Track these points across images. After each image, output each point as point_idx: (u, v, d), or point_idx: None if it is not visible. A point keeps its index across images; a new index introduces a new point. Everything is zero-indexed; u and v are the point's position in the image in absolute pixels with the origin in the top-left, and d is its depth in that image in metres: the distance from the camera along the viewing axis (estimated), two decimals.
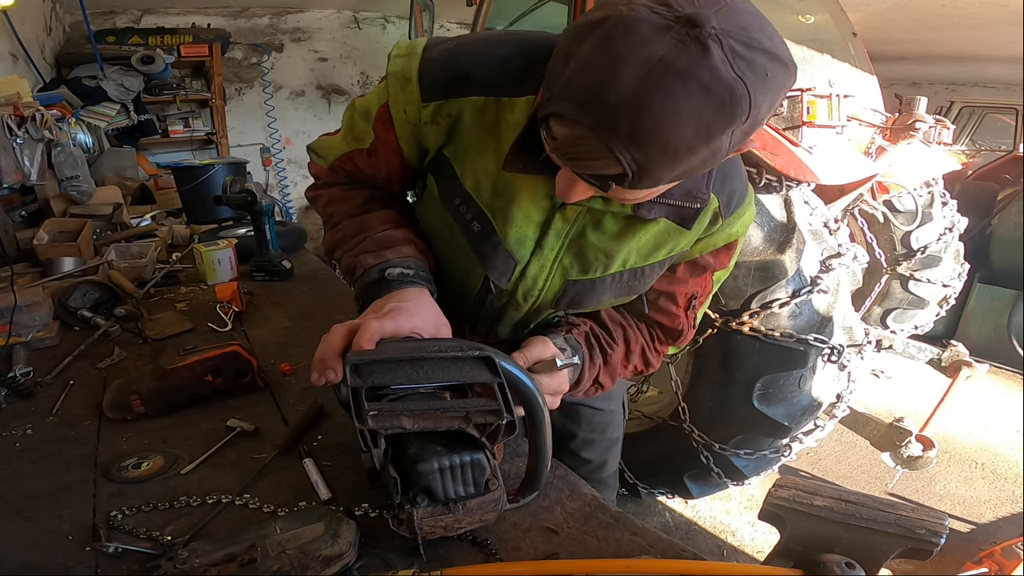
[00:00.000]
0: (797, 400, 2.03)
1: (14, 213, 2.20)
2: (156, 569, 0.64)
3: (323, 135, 0.93)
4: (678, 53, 0.52)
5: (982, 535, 2.36)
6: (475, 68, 0.74)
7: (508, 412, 0.65)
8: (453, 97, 0.75)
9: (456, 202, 0.81)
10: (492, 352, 0.66)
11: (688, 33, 0.52)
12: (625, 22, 0.53)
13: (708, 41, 0.52)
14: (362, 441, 0.62)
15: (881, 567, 0.61)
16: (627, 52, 0.53)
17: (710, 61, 0.52)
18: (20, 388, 1.11)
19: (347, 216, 0.89)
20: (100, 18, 4.62)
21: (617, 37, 0.53)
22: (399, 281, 0.77)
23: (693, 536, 2.39)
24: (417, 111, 0.77)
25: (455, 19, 5.70)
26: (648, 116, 0.53)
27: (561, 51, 0.59)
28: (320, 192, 0.95)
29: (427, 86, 0.75)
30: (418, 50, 0.76)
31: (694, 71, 0.52)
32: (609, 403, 1.25)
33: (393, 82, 0.77)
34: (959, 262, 3.18)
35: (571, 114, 0.57)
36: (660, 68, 0.52)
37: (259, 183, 2.35)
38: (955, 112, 5.56)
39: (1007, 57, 4.68)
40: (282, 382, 1.18)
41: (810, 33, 2.72)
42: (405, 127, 0.79)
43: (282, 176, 5.79)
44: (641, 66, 0.52)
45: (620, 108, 0.54)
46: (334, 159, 0.89)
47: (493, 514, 0.70)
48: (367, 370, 0.63)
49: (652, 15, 0.53)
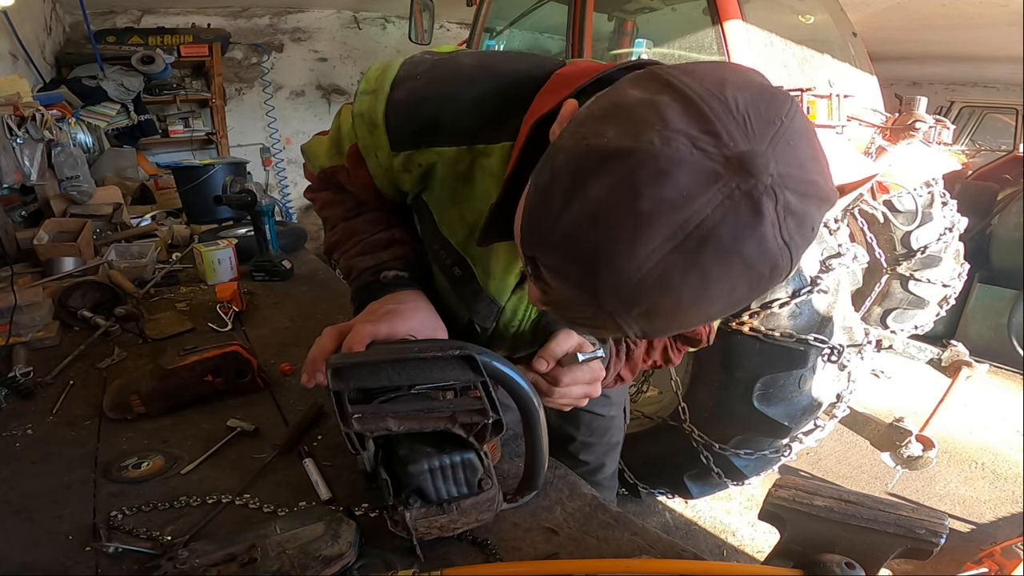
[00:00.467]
0: (797, 400, 2.03)
1: (14, 213, 2.20)
2: (156, 569, 0.64)
3: (316, 135, 0.90)
4: (723, 217, 0.39)
5: (982, 535, 2.36)
6: (443, 114, 0.65)
7: (493, 411, 0.65)
8: (423, 147, 0.68)
9: (436, 247, 0.78)
10: (475, 350, 0.63)
11: (740, 187, 0.38)
12: (657, 162, 0.38)
13: (763, 199, 0.39)
14: (349, 444, 0.63)
15: (881, 567, 0.61)
16: (657, 210, 0.38)
17: (760, 229, 0.39)
18: (20, 388, 1.11)
19: (341, 220, 0.88)
20: (100, 18, 4.62)
21: (645, 184, 0.38)
22: (394, 283, 0.77)
23: (693, 536, 2.39)
24: (388, 158, 0.70)
25: (455, 19, 5.71)
26: (672, 298, 0.41)
27: (558, 178, 0.43)
28: (315, 195, 0.94)
29: (394, 133, 0.68)
30: (385, 86, 0.68)
31: (739, 244, 0.39)
32: (609, 409, 1.24)
33: (360, 124, 0.71)
34: (959, 262, 3.18)
35: (572, 279, 0.44)
36: (698, 239, 0.39)
37: (259, 183, 2.35)
38: (955, 112, 5.56)
39: (1007, 57, 4.68)
40: (282, 382, 1.18)
41: (810, 33, 2.72)
42: (377, 170, 0.75)
43: (282, 176, 5.79)
44: (674, 233, 0.39)
45: (639, 288, 0.41)
46: (319, 170, 0.87)
47: (489, 514, 0.70)
48: (348, 373, 0.63)
49: (694, 153, 0.38)
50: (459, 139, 0.66)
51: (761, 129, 0.40)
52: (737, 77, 0.43)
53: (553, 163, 0.44)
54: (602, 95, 0.46)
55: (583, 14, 2.78)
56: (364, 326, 0.68)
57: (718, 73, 0.42)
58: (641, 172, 0.39)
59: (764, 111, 0.41)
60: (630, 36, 3.29)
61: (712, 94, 0.40)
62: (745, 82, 0.42)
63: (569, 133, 0.44)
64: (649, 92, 0.41)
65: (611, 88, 0.45)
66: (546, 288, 0.48)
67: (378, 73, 0.71)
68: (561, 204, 0.42)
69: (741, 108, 0.40)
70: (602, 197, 0.40)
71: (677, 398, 2.19)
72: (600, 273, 0.42)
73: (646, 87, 0.42)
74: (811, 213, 0.42)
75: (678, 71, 0.43)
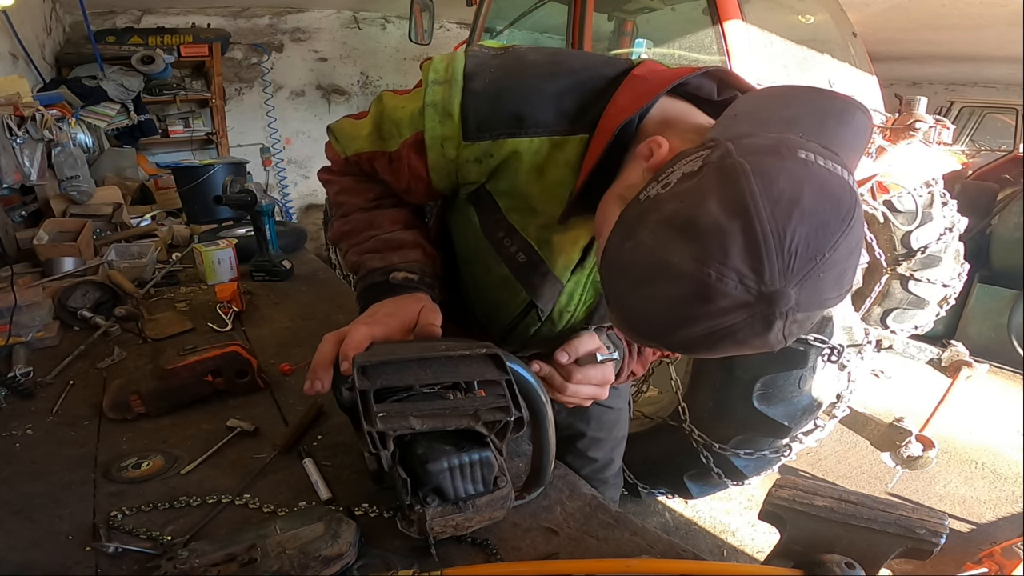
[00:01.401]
0: (797, 400, 2.03)
1: (14, 213, 2.20)
2: (156, 569, 0.64)
3: (346, 117, 0.88)
4: (742, 327, 0.51)
5: (982, 535, 2.36)
6: (525, 106, 0.68)
7: (516, 408, 0.65)
8: (502, 138, 0.70)
9: (499, 235, 0.79)
10: (499, 349, 0.66)
11: (761, 312, 0.49)
12: (709, 292, 0.49)
13: (775, 320, 0.50)
14: (371, 443, 0.62)
15: (881, 567, 0.61)
16: (700, 317, 0.51)
17: (766, 335, 0.51)
18: (20, 388, 1.11)
19: (358, 209, 0.87)
20: (100, 18, 4.62)
21: (696, 302, 0.50)
22: (403, 286, 0.77)
23: (693, 536, 2.40)
24: (456, 148, 0.72)
25: (455, 19, 5.71)
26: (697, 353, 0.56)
27: (634, 265, 0.54)
28: (333, 178, 0.91)
29: (471, 124, 0.69)
30: (458, 77, 0.69)
31: (749, 340, 0.52)
32: (618, 401, 1.26)
33: (431, 114, 0.71)
34: (959, 262, 3.18)
35: (632, 330, 0.58)
36: (720, 335, 0.52)
37: (259, 183, 2.35)
38: (955, 112, 5.57)
39: (1007, 57, 4.69)
40: (282, 382, 1.18)
41: (810, 33, 2.72)
42: (440, 160, 0.74)
43: (282, 176, 5.79)
44: (705, 330, 0.52)
45: (676, 347, 0.56)
46: (353, 153, 0.85)
47: (502, 511, 0.70)
48: (375, 371, 0.63)
49: (738, 288, 0.48)
50: (539, 131, 0.69)
51: (800, 267, 0.48)
52: (811, 200, 0.48)
53: (634, 250, 0.54)
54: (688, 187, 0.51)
55: (583, 14, 2.78)
56: (361, 328, 0.68)
57: (796, 191, 0.48)
58: (696, 293, 0.49)
59: (813, 246, 0.48)
60: (630, 36, 3.29)
61: (775, 230, 0.47)
62: (814, 208, 0.48)
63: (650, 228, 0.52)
64: (725, 215, 0.48)
65: (700, 184, 0.50)
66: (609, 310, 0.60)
67: (446, 64, 0.71)
68: (632, 286, 0.54)
69: (793, 246, 0.47)
70: (664, 299, 0.52)
71: (677, 398, 2.19)
72: (651, 336, 0.56)
73: (725, 204, 0.48)
74: (814, 317, 0.53)
75: (760, 183, 0.48)
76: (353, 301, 0.87)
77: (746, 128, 0.54)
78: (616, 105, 0.66)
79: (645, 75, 0.67)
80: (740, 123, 0.56)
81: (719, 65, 0.72)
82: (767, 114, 0.56)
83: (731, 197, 0.48)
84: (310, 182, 5.94)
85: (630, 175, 0.62)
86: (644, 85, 0.66)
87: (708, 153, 0.52)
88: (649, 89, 0.65)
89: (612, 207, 0.61)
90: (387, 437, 0.62)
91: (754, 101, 0.59)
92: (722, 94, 0.70)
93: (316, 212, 5.82)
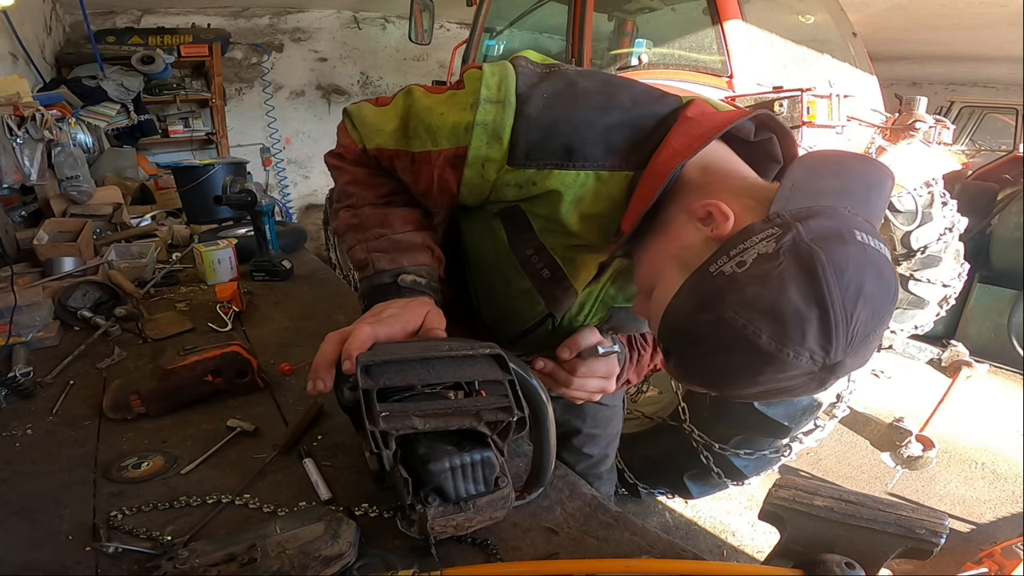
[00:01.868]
0: (797, 400, 2.03)
1: (14, 213, 2.20)
2: (156, 569, 0.64)
3: (366, 103, 0.85)
4: (800, 387, 0.58)
5: (982, 535, 2.36)
6: (576, 139, 0.68)
7: (519, 408, 0.65)
8: (549, 168, 0.69)
9: (528, 252, 0.79)
10: (501, 350, 0.66)
11: (821, 376, 0.56)
12: (784, 366, 0.55)
13: (829, 381, 0.58)
14: (373, 443, 0.62)
15: (881, 567, 0.61)
16: (767, 382, 0.57)
17: (817, 390, 0.59)
18: (20, 388, 1.11)
19: (368, 203, 0.85)
20: (100, 18, 4.62)
21: (769, 372, 0.56)
22: (410, 289, 0.77)
23: (693, 536, 2.40)
24: (498, 172, 0.71)
25: (455, 19, 5.71)
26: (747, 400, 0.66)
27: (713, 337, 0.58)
28: (345, 166, 0.87)
29: (520, 151, 0.69)
30: (511, 98, 0.68)
31: (802, 395, 0.60)
32: (613, 398, 1.28)
33: (480, 134, 0.69)
34: (959, 262, 3.18)
35: (692, 381, 0.64)
36: (777, 392, 0.59)
37: (259, 183, 2.35)
38: (955, 112, 5.57)
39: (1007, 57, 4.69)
40: (282, 382, 1.18)
41: (810, 33, 2.72)
42: (476, 180, 0.73)
43: (282, 176, 5.79)
44: (766, 389, 0.58)
45: (729, 396, 0.63)
46: (375, 147, 0.81)
47: (503, 511, 0.70)
48: (378, 371, 0.63)
49: (809, 362, 0.55)
50: (587, 165, 0.69)
51: (859, 344, 0.55)
52: (871, 287, 0.54)
53: (714, 325, 0.57)
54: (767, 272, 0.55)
55: (583, 14, 2.78)
56: (364, 327, 0.68)
57: (860, 280, 0.54)
58: (771, 366, 0.56)
59: (870, 326, 0.55)
60: (630, 36, 3.29)
61: (845, 315, 0.53)
62: (873, 293, 0.54)
63: (732, 308, 0.56)
64: (804, 302, 0.53)
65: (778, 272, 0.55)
66: (668, 359, 0.65)
67: (498, 80, 0.70)
68: (706, 352, 0.59)
69: (857, 327, 0.54)
70: (738, 367, 0.57)
71: (677, 398, 2.20)
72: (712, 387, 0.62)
73: (804, 293, 0.53)
74: None
75: (832, 273, 0.53)
76: (353, 301, 0.87)
77: (804, 201, 0.58)
78: (669, 148, 0.66)
79: (697, 117, 0.68)
80: (798, 196, 0.59)
81: (766, 111, 0.73)
82: (821, 184, 0.60)
83: (809, 287, 0.53)
84: (310, 182, 5.94)
85: (684, 234, 0.64)
86: (697, 128, 0.66)
87: (779, 234, 0.56)
88: (703, 133, 0.65)
89: (669, 268, 0.64)
90: (389, 437, 0.62)
91: (807, 171, 0.62)
92: (758, 135, 0.71)
93: (316, 212, 5.82)
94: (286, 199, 5.83)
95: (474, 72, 0.73)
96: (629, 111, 0.69)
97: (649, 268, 0.68)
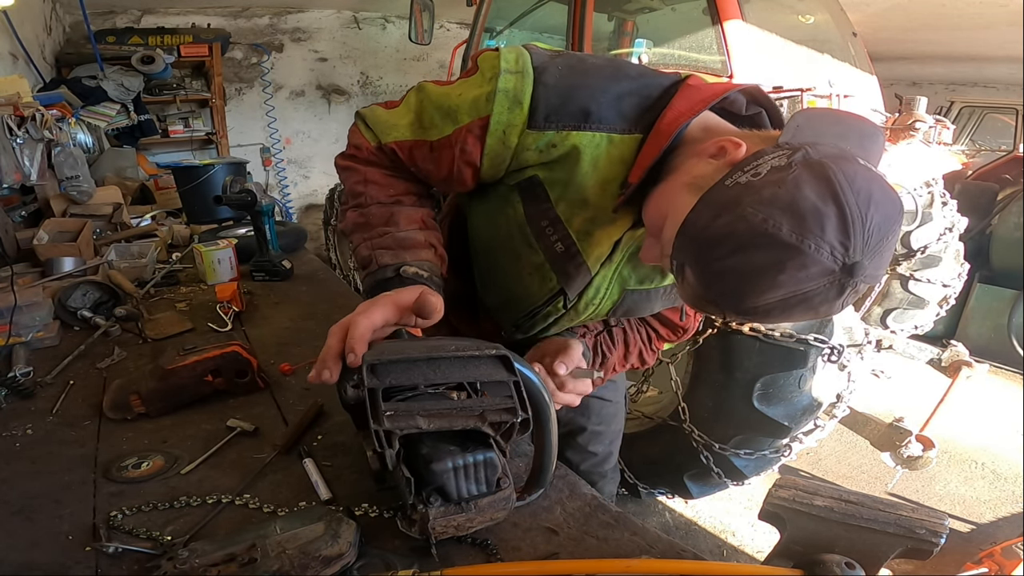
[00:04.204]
0: (797, 400, 2.03)
1: (14, 213, 2.20)
2: (156, 569, 0.64)
3: (377, 105, 0.89)
4: (820, 291, 0.58)
5: (982, 535, 2.36)
6: (592, 103, 0.73)
7: (523, 410, 0.65)
8: (568, 130, 0.74)
9: (543, 224, 0.81)
10: (507, 351, 0.67)
11: (840, 280, 0.57)
12: (805, 259, 0.56)
13: (848, 288, 0.58)
14: (376, 442, 0.62)
15: (881, 567, 0.62)
16: (788, 281, 0.57)
17: (836, 301, 0.59)
18: (20, 388, 1.11)
19: (376, 203, 0.86)
20: (100, 18, 4.62)
21: (791, 268, 0.56)
22: (412, 280, 0.77)
23: (693, 536, 2.40)
24: (518, 136, 0.75)
25: (455, 19, 5.71)
26: (765, 318, 0.63)
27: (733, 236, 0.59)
28: (357, 167, 0.88)
29: (540, 114, 0.74)
30: (529, 69, 0.74)
31: (820, 306, 0.60)
32: (616, 394, 1.31)
33: (502, 99, 0.74)
34: (959, 262, 3.18)
35: (711, 292, 0.63)
36: (800, 298, 0.59)
37: (259, 183, 2.35)
38: (955, 112, 5.57)
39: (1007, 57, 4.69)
40: (282, 382, 1.18)
41: (810, 33, 2.72)
42: (497, 147, 0.77)
43: (282, 176, 5.79)
44: (788, 293, 0.58)
45: (750, 311, 0.62)
46: (391, 141, 0.84)
47: (503, 512, 0.70)
48: (384, 370, 0.63)
49: (829, 258, 0.56)
50: (602, 127, 0.74)
51: (875, 244, 0.57)
52: (879, 194, 0.58)
53: (734, 222, 0.59)
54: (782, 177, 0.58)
55: (583, 14, 2.78)
56: (359, 319, 0.68)
57: (869, 188, 0.57)
58: (793, 260, 0.56)
59: (883, 228, 0.57)
60: (630, 36, 3.29)
61: (860, 213, 0.56)
62: (882, 200, 0.58)
63: (752, 205, 0.58)
64: (821, 199, 0.56)
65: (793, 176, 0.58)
66: (683, 280, 0.65)
67: (515, 55, 0.76)
68: (727, 253, 0.59)
69: (872, 227, 0.57)
70: (760, 265, 0.58)
71: (677, 398, 2.19)
72: (731, 300, 0.61)
73: (819, 191, 0.57)
74: (863, 290, 0.60)
75: (844, 179, 0.57)
76: (353, 302, 0.87)
77: (809, 137, 0.62)
78: (674, 110, 0.72)
79: (698, 86, 0.75)
80: (803, 133, 0.63)
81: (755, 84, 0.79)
82: (822, 129, 0.65)
83: (824, 187, 0.56)
84: (310, 182, 5.94)
85: (697, 168, 0.68)
86: (698, 94, 0.73)
87: (790, 152, 0.60)
88: (703, 98, 0.72)
89: (682, 194, 0.66)
90: (393, 436, 0.62)
91: (808, 118, 0.66)
92: (748, 110, 0.78)
93: (316, 212, 5.82)
94: (286, 199, 5.82)
95: (489, 53, 0.78)
96: (637, 80, 0.75)
97: (659, 205, 0.70)
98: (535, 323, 0.93)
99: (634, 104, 0.74)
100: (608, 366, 1.01)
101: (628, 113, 0.74)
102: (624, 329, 1.03)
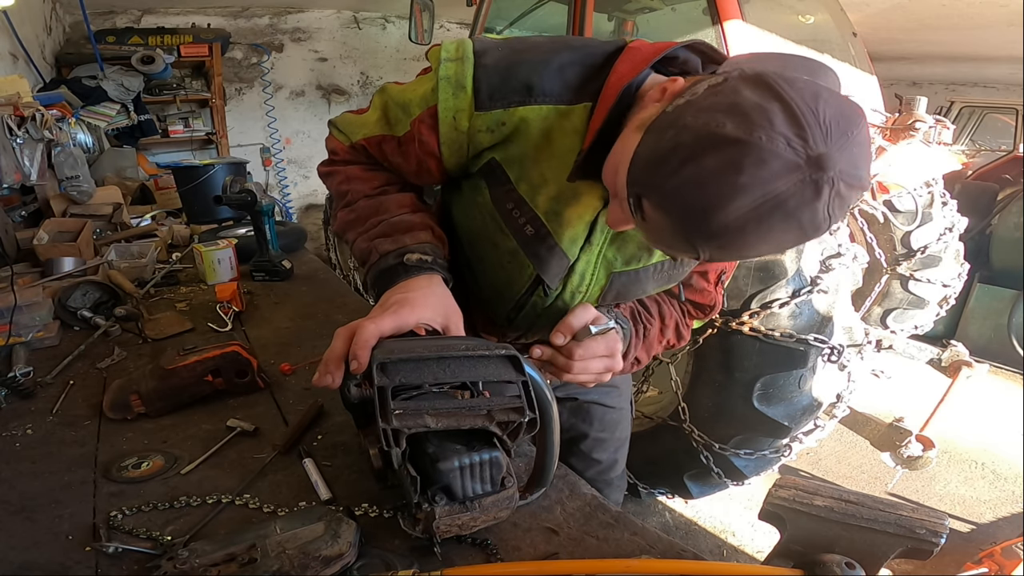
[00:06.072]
0: (797, 400, 2.03)
1: (14, 213, 2.20)
2: (156, 569, 0.64)
3: (347, 112, 0.93)
4: (794, 193, 0.53)
5: (982, 535, 2.36)
6: (534, 76, 0.74)
7: (531, 410, 0.65)
8: (513, 106, 0.75)
9: (509, 206, 0.81)
10: (516, 351, 0.67)
11: (812, 176, 0.53)
12: (761, 152, 0.52)
13: (824, 186, 0.53)
14: (384, 441, 0.61)
15: (881, 567, 0.61)
16: (751, 183, 0.53)
17: (816, 204, 0.54)
18: (20, 388, 1.11)
19: (363, 197, 0.87)
20: (100, 18, 4.62)
21: (748, 166, 0.53)
22: (417, 267, 0.77)
23: (693, 536, 2.40)
24: (468, 119, 0.76)
25: (455, 19, 5.71)
26: (742, 239, 0.57)
27: (681, 147, 0.56)
28: (337, 168, 0.91)
29: (483, 95, 0.74)
30: (470, 54, 0.75)
31: (799, 212, 0.54)
32: (620, 400, 1.27)
33: (444, 87, 0.75)
34: (959, 262, 3.18)
35: (673, 217, 0.59)
36: (772, 203, 0.54)
37: (259, 183, 2.35)
38: (955, 112, 5.57)
39: (1007, 57, 4.69)
40: (282, 382, 1.18)
41: (810, 33, 2.73)
42: (451, 133, 0.78)
43: (282, 176, 5.79)
44: (758, 199, 0.53)
45: (722, 231, 0.56)
46: (360, 138, 0.87)
47: (507, 511, 0.70)
48: (394, 368, 0.63)
49: (787, 150, 0.52)
50: (547, 99, 0.74)
51: (837, 137, 0.54)
52: (827, 95, 0.56)
53: (677, 134, 0.57)
54: (719, 88, 0.57)
55: (583, 14, 2.78)
56: (368, 325, 0.67)
57: (813, 88, 0.55)
58: (748, 157, 0.53)
59: (843, 124, 0.54)
60: (630, 36, 3.29)
61: (808, 107, 0.53)
62: (832, 99, 0.55)
63: (692, 115, 0.57)
64: (762, 99, 0.54)
65: (729, 85, 0.57)
66: (644, 217, 0.62)
67: (456, 45, 0.77)
68: (678, 165, 0.56)
69: (826, 120, 0.53)
70: (713, 168, 0.54)
71: (677, 398, 2.19)
72: (697, 219, 0.57)
73: (759, 93, 0.55)
74: (852, 197, 0.56)
75: (784, 82, 0.55)
76: (353, 302, 0.87)
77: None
78: (616, 73, 0.72)
79: (639, 47, 0.75)
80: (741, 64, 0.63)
81: (700, 39, 0.76)
82: (763, 63, 0.63)
83: (763, 89, 0.55)
84: (310, 182, 5.94)
85: (643, 114, 0.67)
86: (639, 55, 0.73)
87: (727, 71, 0.59)
88: (644, 58, 0.72)
89: (632, 136, 0.64)
90: (401, 435, 0.62)
91: (749, 55, 0.67)
92: (706, 69, 0.76)
93: (316, 212, 5.82)
94: (286, 199, 5.82)
95: (435, 48, 0.79)
96: (578, 50, 0.76)
97: (613, 160, 0.68)
98: (525, 316, 0.92)
99: (577, 73, 0.74)
100: (651, 339, 0.98)
101: (573, 83, 0.74)
102: (658, 301, 1.01)
